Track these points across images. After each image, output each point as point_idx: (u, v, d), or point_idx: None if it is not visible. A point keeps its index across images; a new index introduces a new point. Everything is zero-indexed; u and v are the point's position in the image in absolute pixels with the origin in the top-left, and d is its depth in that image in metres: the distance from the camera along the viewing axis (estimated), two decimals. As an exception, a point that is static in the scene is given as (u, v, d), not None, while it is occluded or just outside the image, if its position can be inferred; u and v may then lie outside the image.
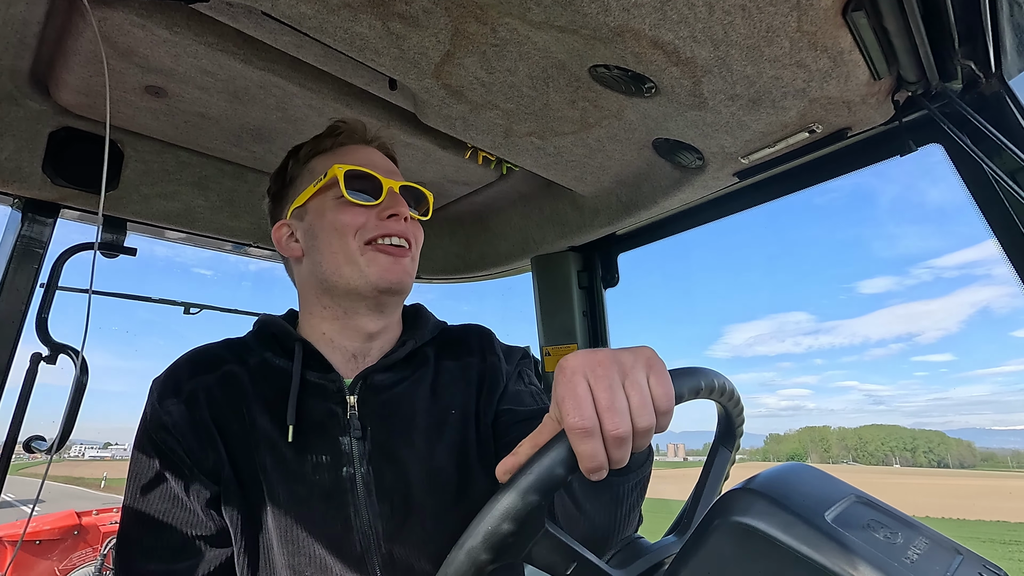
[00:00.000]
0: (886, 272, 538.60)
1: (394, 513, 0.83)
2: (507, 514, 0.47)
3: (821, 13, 0.84)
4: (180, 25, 1.02)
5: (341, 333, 0.92)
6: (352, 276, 0.87)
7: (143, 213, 1.47)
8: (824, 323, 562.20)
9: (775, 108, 1.07)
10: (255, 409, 0.85)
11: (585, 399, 0.49)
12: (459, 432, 0.90)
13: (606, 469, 0.49)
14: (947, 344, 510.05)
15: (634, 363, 0.51)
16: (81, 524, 4.65)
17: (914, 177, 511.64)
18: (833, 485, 0.54)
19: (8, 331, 1.32)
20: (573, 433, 0.48)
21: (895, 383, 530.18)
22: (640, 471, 0.68)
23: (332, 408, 0.86)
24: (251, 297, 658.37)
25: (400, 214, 0.89)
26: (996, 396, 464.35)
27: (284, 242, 0.96)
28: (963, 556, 0.48)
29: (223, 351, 0.91)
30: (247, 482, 0.82)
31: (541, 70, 1.04)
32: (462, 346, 1.00)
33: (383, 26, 0.93)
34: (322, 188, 0.91)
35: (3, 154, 1.25)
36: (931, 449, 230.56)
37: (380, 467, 0.84)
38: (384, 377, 0.91)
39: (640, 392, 0.50)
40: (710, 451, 0.74)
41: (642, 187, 1.48)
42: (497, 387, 0.96)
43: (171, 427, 0.82)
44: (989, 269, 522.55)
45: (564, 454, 0.49)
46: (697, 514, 0.68)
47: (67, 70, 1.13)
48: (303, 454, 0.83)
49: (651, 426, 0.50)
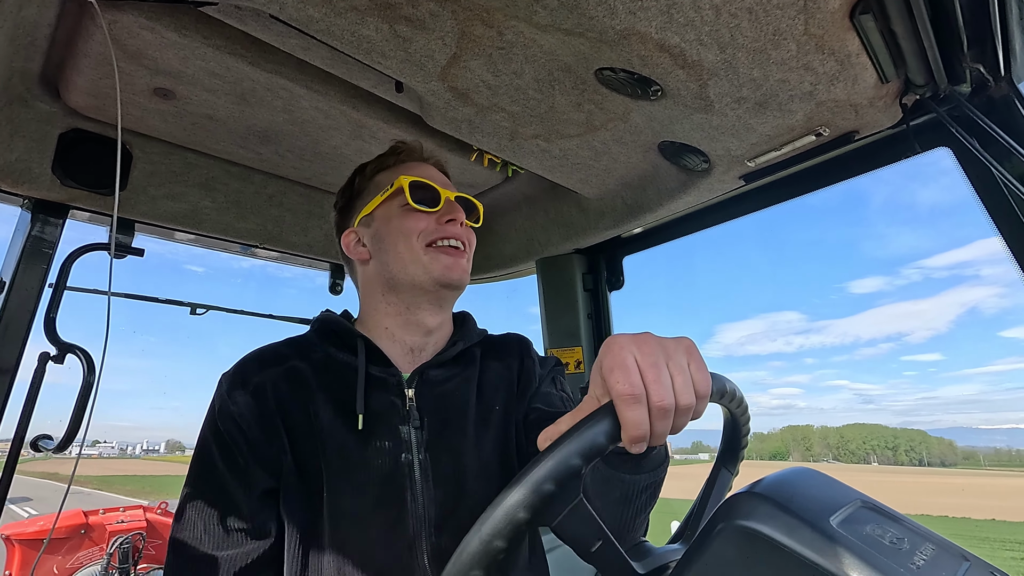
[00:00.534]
0: (877, 272, 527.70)
1: (447, 499, 0.88)
2: (550, 475, 0.48)
3: (828, 16, 0.84)
4: (188, 28, 1.03)
5: (403, 327, 1.00)
6: (417, 273, 0.96)
7: (151, 214, 1.48)
8: (815, 322, 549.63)
9: (782, 111, 1.06)
10: (319, 400, 0.91)
11: (633, 370, 0.52)
12: (502, 429, 0.98)
13: (647, 441, 0.52)
14: (936, 344, 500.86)
15: (676, 348, 0.56)
16: (88, 523, 4.67)
17: (906, 179, 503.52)
18: (839, 490, 0.54)
19: (17, 330, 1.33)
20: (622, 400, 0.51)
21: (885, 382, 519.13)
22: (654, 473, 0.69)
23: (392, 400, 0.93)
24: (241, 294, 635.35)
25: (457, 219, 0.99)
26: (984, 395, 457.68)
27: (352, 247, 1.05)
28: (970, 562, 0.47)
29: (287, 348, 0.98)
30: (307, 469, 0.87)
31: (547, 73, 1.05)
32: (504, 349, 1.08)
33: (390, 29, 0.93)
34: (388, 197, 1.00)
35: (13, 155, 1.26)
36: (912, 448, 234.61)
37: (437, 454, 0.91)
38: (438, 373, 0.99)
39: (683, 373, 0.54)
40: (712, 471, 0.72)
41: (647, 190, 1.48)
42: (530, 387, 1.04)
43: (238, 417, 0.88)
44: (978, 270, 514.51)
45: (609, 423, 0.51)
46: (695, 530, 0.67)
47: (77, 72, 1.14)
48: (366, 441, 0.89)
49: (691, 405, 0.53)
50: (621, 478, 0.67)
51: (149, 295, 1.79)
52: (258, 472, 0.87)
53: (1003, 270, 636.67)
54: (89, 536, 4.63)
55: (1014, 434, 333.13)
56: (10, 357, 1.32)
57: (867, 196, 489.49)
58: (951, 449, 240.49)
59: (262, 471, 0.88)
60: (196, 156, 1.49)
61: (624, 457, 0.66)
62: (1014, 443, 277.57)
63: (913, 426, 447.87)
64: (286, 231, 1.72)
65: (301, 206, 1.72)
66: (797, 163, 1.27)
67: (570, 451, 0.49)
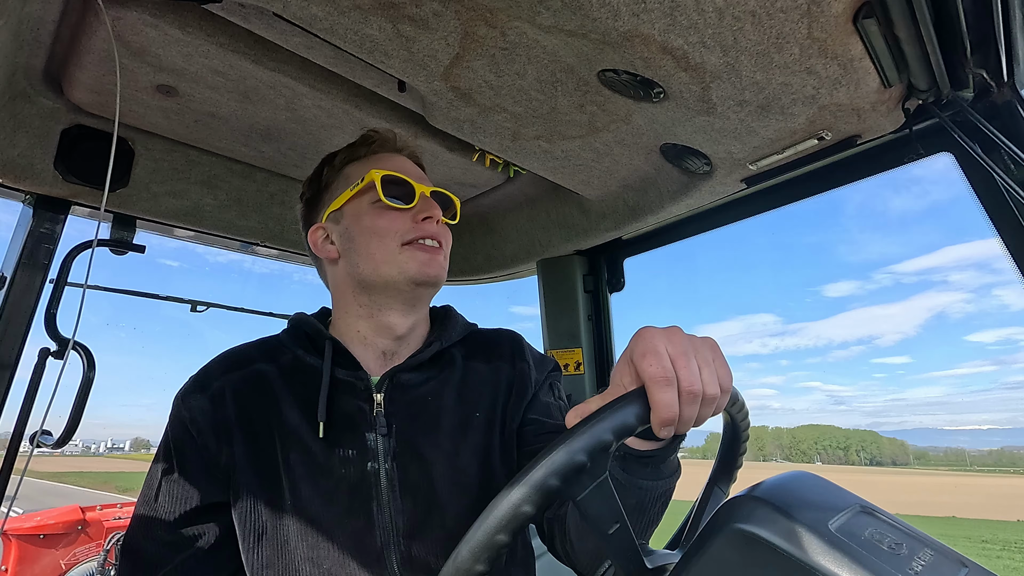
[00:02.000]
0: (850, 276, 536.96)
1: (416, 509, 0.85)
2: (584, 446, 0.49)
3: (832, 20, 0.84)
4: (192, 25, 1.03)
5: (375, 330, 0.95)
6: (390, 273, 0.91)
7: (152, 211, 1.48)
8: (790, 325, 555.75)
9: (784, 115, 1.06)
10: (284, 405, 0.89)
11: (665, 355, 0.54)
12: (483, 435, 0.93)
13: (675, 425, 0.54)
14: (905, 347, 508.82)
15: (703, 343, 0.58)
16: (85, 519, 4.67)
17: (879, 186, 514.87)
18: (837, 494, 0.54)
19: (18, 326, 1.33)
20: (654, 382, 0.53)
21: (856, 384, 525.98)
22: (668, 480, 0.70)
23: (360, 405, 0.89)
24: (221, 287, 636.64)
25: (433, 216, 0.94)
26: (949, 397, 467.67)
27: (320, 244, 0.99)
28: (968, 568, 0.47)
29: (255, 351, 0.96)
30: (267, 476, 0.85)
31: (550, 74, 1.05)
32: (493, 350, 1.02)
33: (393, 28, 0.93)
34: (358, 192, 0.94)
35: (16, 150, 1.26)
36: (864, 448, 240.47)
37: (405, 464, 0.87)
38: (411, 376, 0.93)
39: (708, 365, 0.56)
40: (705, 488, 0.72)
41: (649, 192, 1.48)
42: (525, 394, 0.98)
43: (189, 423, 0.87)
44: (946, 276, 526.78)
45: (639, 405, 0.53)
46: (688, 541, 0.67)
47: (80, 68, 1.14)
48: (331, 448, 0.86)
49: (717, 395, 0.56)
50: (639, 484, 0.68)
51: (149, 292, 1.79)
52: (202, 482, 0.86)
53: (970, 276, 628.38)
54: (86, 532, 4.63)
55: (976, 435, 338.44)
56: (10, 352, 1.32)
57: (842, 202, 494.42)
58: (903, 450, 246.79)
59: (207, 481, 0.86)
60: (198, 153, 1.49)
61: (643, 461, 0.66)
62: (975, 444, 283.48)
63: (881, 427, 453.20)
64: (287, 229, 1.72)
65: None
66: (799, 167, 1.27)
67: (604, 426, 0.50)
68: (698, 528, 0.68)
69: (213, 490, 0.86)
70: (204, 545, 0.86)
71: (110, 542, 4.41)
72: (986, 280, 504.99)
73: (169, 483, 0.87)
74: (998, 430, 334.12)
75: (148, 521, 0.86)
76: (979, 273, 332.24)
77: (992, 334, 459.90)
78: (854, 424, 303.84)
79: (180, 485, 0.86)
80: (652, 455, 0.66)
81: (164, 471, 0.87)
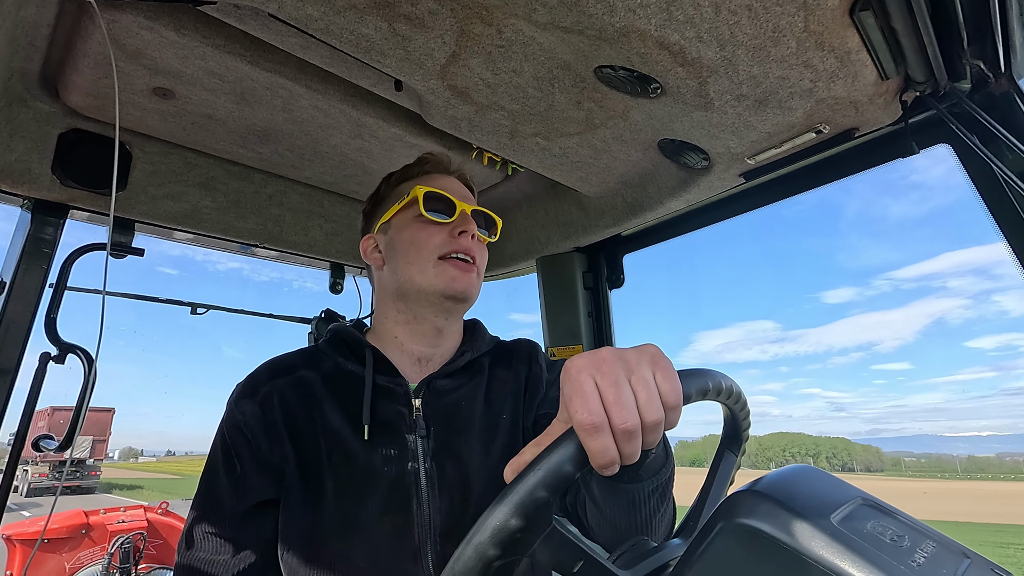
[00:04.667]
0: (849, 283, 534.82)
1: (453, 507, 0.89)
2: (515, 510, 0.47)
3: (828, 13, 0.84)
4: (187, 27, 1.03)
5: (411, 337, 1.01)
6: (423, 283, 0.97)
7: (151, 214, 1.48)
8: (790, 331, 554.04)
9: (782, 108, 1.06)
10: (327, 409, 0.93)
11: (592, 396, 0.50)
12: (509, 436, 0.98)
13: (618, 464, 0.50)
14: (904, 353, 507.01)
15: (639, 360, 0.53)
16: (89, 523, 4.68)
17: (876, 192, 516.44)
18: (840, 487, 0.54)
19: (18, 331, 1.33)
20: (583, 429, 0.49)
21: (856, 390, 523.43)
22: (655, 478, 0.69)
23: (399, 409, 0.94)
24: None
25: (468, 231, 0.99)
26: (949, 403, 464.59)
27: (369, 252, 1.07)
28: (971, 559, 0.47)
29: (297, 359, 1.01)
30: (311, 475, 0.89)
31: (546, 71, 1.04)
32: (513, 356, 1.08)
33: (389, 27, 0.93)
34: (404, 206, 1.02)
35: (13, 155, 1.26)
36: (834, 455, 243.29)
37: (443, 463, 0.91)
38: (445, 383, 0.99)
39: (647, 387, 0.51)
40: (716, 455, 0.73)
41: (647, 188, 1.48)
42: (538, 392, 1.04)
43: (243, 426, 0.91)
44: (945, 282, 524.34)
45: (572, 450, 0.49)
46: (702, 518, 0.67)
47: (76, 72, 1.14)
48: (373, 449, 0.90)
49: (659, 420, 0.51)
50: (623, 488, 0.67)
51: (149, 295, 1.79)
52: (258, 480, 0.89)
53: (969, 282, 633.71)
54: (90, 536, 4.64)
55: (975, 442, 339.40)
56: (11, 357, 1.32)
57: (840, 208, 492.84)
58: (877, 456, 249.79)
59: (263, 479, 0.89)
60: (196, 156, 1.49)
61: (616, 477, 0.64)
62: (976, 450, 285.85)
63: (881, 433, 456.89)
64: (286, 230, 1.72)
65: (301, 205, 1.72)
66: (797, 160, 1.27)
67: (534, 484, 0.47)
68: (708, 495, 0.68)
69: (268, 488, 0.90)
70: (263, 542, 0.90)
71: (114, 546, 4.42)
72: (985, 286, 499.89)
73: (229, 483, 0.91)
74: (998, 436, 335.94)
75: (208, 518, 0.90)
76: (978, 279, 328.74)
77: (991, 340, 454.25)
78: (854, 431, 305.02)
79: (241, 484, 0.90)
80: (621, 473, 0.66)
81: (224, 471, 0.91)
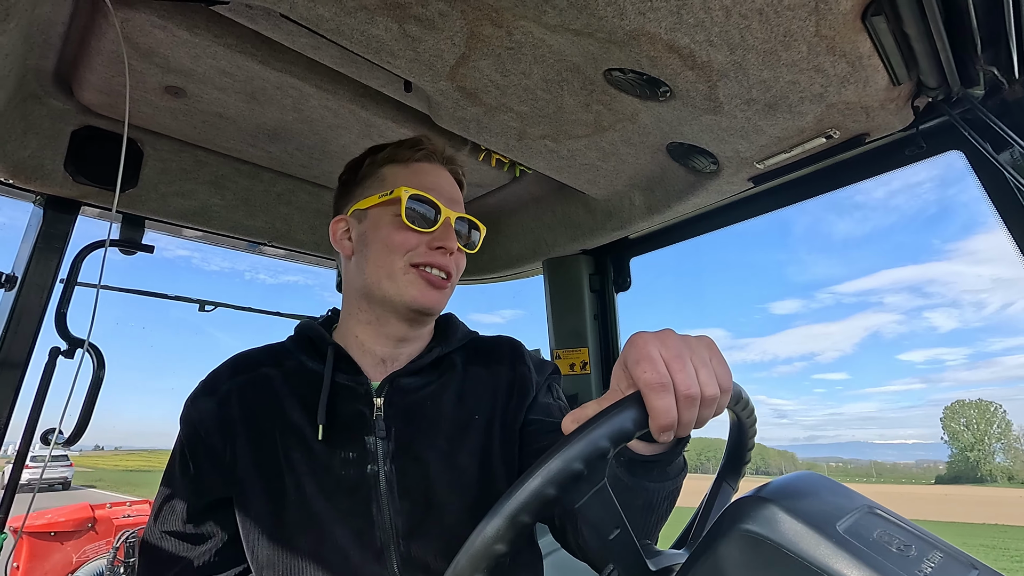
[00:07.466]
0: (795, 295, 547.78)
1: (414, 510, 0.86)
2: (580, 454, 0.48)
3: (840, 17, 0.83)
4: (200, 26, 1.04)
5: (373, 338, 0.96)
6: (390, 290, 0.92)
7: (161, 211, 1.49)
8: (739, 340, 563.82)
9: (792, 113, 1.06)
10: (287, 408, 0.91)
11: (659, 361, 0.54)
12: (482, 437, 0.93)
13: (674, 429, 0.53)
14: (843, 364, 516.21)
15: (698, 344, 0.57)
16: (95, 516, 4.72)
17: (824, 209, 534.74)
18: (845, 495, 0.53)
19: (28, 325, 1.34)
20: (650, 388, 0.52)
21: (797, 398, 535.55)
22: (675, 480, 0.70)
23: (360, 409, 0.90)
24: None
25: (448, 248, 0.93)
26: (882, 413, 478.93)
27: (338, 236, 1.00)
28: (979, 571, 0.47)
29: (261, 355, 0.98)
30: (269, 476, 0.87)
31: (556, 73, 1.04)
32: (493, 355, 1.03)
33: (399, 28, 0.93)
34: (386, 202, 0.94)
35: (26, 151, 1.27)
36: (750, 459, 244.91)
37: (403, 466, 0.88)
38: (410, 381, 0.95)
39: (706, 366, 0.55)
40: (713, 485, 0.72)
41: (655, 191, 1.48)
42: (527, 396, 0.99)
43: (197, 424, 0.91)
44: (882, 297, 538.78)
45: (636, 411, 0.52)
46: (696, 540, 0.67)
47: (90, 70, 1.15)
48: (332, 450, 0.88)
49: (716, 395, 0.55)
50: (645, 486, 0.68)
51: (157, 291, 1.81)
52: (212, 477, 0.89)
53: (903, 298, 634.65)
54: (95, 529, 4.67)
55: (902, 448, 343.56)
56: (21, 352, 1.33)
57: (790, 224, 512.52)
58: (792, 461, 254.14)
59: (216, 476, 0.89)
60: (206, 154, 1.50)
61: (648, 465, 0.66)
62: (902, 457, 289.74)
63: (818, 440, 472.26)
64: (294, 229, 1.72)
65: (310, 204, 1.73)
66: (807, 165, 1.26)
67: (600, 432, 0.50)
68: (705, 526, 0.68)
69: (223, 487, 0.89)
70: (219, 541, 0.90)
71: (120, 539, 4.45)
72: (917, 303, 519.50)
73: (183, 481, 0.91)
74: (922, 444, 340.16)
75: (164, 519, 0.91)
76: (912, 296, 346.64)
77: (921, 353, 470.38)
78: (793, 437, 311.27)
79: (193, 483, 0.90)
80: (656, 459, 0.66)
81: (179, 470, 0.91)
